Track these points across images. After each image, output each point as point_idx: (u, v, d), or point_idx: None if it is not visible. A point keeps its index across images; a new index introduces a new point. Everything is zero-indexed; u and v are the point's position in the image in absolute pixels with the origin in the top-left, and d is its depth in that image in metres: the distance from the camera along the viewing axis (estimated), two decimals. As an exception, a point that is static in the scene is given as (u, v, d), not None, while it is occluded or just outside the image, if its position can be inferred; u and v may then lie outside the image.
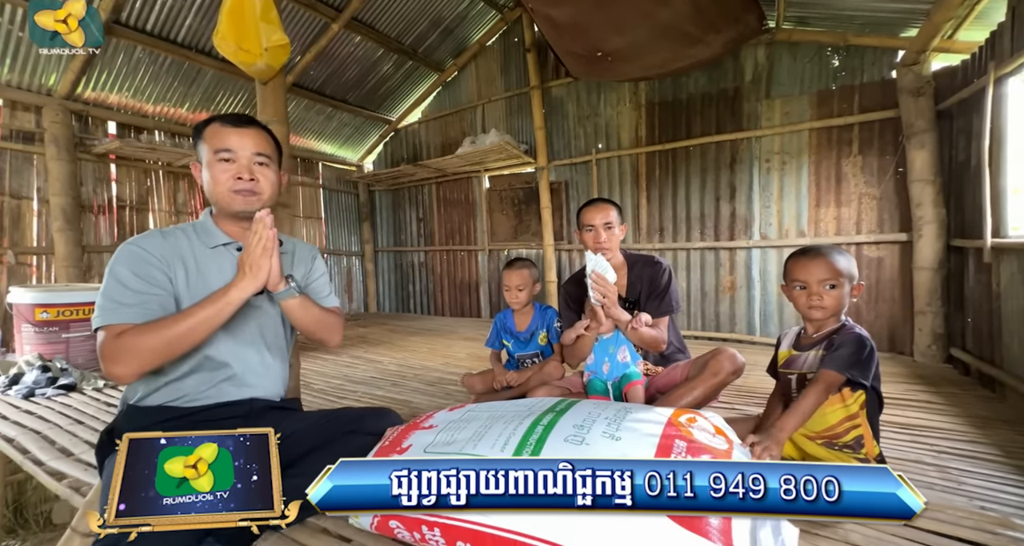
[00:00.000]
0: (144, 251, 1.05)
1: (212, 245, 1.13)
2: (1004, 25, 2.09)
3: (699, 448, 0.96)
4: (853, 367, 1.14)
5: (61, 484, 1.39)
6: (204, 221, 1.17)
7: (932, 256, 2.69)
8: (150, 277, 1.03)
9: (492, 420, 1.12)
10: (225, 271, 1.13)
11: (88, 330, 2.79)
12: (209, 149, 1.10)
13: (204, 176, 1.13)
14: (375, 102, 5.07)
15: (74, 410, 2.07)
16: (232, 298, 1.01)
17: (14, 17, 2.93)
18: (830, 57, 3.10)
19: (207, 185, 1.12)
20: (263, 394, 1.22)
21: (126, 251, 1.05)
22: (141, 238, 1.09)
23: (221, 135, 1.10)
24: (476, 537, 0.89)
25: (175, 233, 1.13)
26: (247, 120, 1.14)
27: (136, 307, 1.00)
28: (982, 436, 1.53)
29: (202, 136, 1.12)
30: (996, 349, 2.16)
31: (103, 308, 1.00)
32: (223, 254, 1.14)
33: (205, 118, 1.16)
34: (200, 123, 1.15)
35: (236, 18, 1.73)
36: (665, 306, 1.69)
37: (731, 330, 3.49)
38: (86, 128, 3.67)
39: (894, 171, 2.92)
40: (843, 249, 1.29)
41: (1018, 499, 1.12)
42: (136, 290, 1.01)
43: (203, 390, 1.11)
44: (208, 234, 1.14)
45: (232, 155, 1.09)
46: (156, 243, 1.07)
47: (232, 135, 1.10)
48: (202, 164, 1.13)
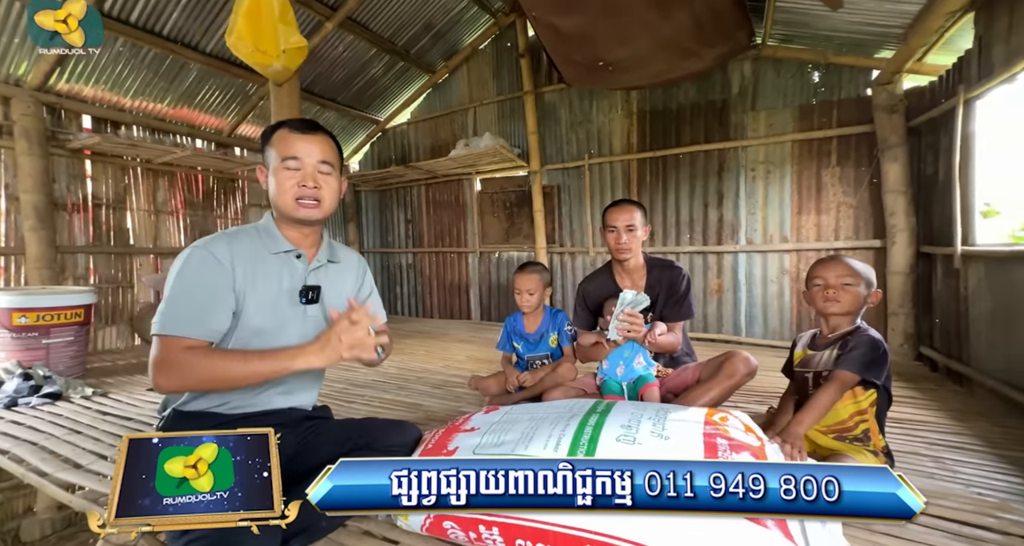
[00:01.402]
0: (211, 256, 1.04)
1: (274, 251, 1.13)
2: (972, 52, 2.29)
3: (739, 445, 1.02)
4: (867, 368, 1.24)
5: (75, 496, 1.34)
6: (268, 225, 1.17)
7: (904, 261, 2.90)
8: (216, 287, 1.03)
9: (536, 421, 1.15)
10: (283, 278, 1.13)
11: (70, 336, 2.66)
12: (277, 155, 1.10)
13: (269, 181, 1.13)
14: (364, 102, 5.01)
15: (67, 420, 1.97)
16: (297, 366, 0.99)
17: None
18: (811, 74, 3.30)
19: (272, 190, 1.12)
20: (301, 403, 1.23)
21: (195, 257, 1.04)
22: (209, 241, 1.07)
23: (289, 141, 1.10)
24: (537, 534, 0.93)
25: (240, 236, 1.12)
26: (314, 126, 1.14)
27: (198, 324, 1.00)
28: (965, 428, 1.68)
29: (270, 141, 1.12)
30: (964, 348, 2.36)
31: (166, 315, 0.99)
32: (283, 260, 1.15)
33: (274, 123, 1.16)
34: (268, 128, 1.15)
35: (253, 19, 1.70)
36: (684, 311, 1.77)
37: (718, 331, 3.65)
38: (59, 122, 3.48)
39: (869, 182, 3.13)
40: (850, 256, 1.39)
41: (1008, 485, 1.25)
42: (201, 303, 1.01)
43: (251, 398, 1.11)
44: (272, 239, 1.14)
45: (298, 162, 1.10)
46: (223, 248, 1.06)
47: (299, 142, 1.10)
48: (268, 169, 1.13)
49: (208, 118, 4.27)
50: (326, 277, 1.22)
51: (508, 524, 0.95)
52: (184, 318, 0.99)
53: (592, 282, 2.00)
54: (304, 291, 1.15)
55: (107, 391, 2.41)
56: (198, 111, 4.16)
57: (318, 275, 1.20)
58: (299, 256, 1.17)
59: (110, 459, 1.55)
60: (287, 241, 1.15)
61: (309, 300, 1.16)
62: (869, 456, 1.24)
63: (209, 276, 1.03)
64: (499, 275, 4.75)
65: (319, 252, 1.21)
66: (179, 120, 4.12)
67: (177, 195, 4.18)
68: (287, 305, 1.13)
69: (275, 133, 1.12)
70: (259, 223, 1.18)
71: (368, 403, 2.21)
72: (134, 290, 3.89)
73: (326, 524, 1.07)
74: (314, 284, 1.18)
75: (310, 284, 1.17)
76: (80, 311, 2.70)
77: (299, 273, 1.16)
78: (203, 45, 3.63)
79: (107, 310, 3.72)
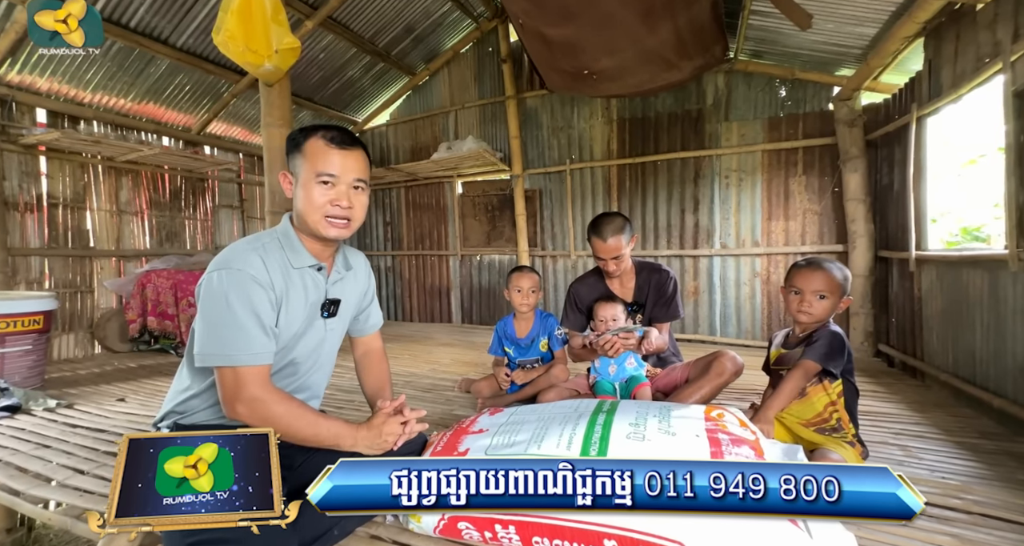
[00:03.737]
0: (253, 280, 0.99)
1: (297, 265, 1.08)
2: (922, 74, 2.50)
3: (738, 439, 1.09)
4: (826, 358, 1.36)
5: (55, 512, 1.27)
6: (289, 236, 1.10)
7: (864, 265, 3.11)
8: (265, 311, 1.00)
9: (545, 421, 1.19)
10: (309, 292, 1.10)
11: (27, 344, 2.49)
12: (309, 168, 1.04)
13: (296, 192, 1.07)
14: (341, 102, 4.92)
15: (31, 433, 1.85)
16: (345, 445, 1.03)
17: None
18: (779, 88, 3.49)
19: (299, 203, 1.06)
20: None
21: (236, 281, 0.98)
22: (243, 261, 1.00)
23: (326, 156, 1.03)
24: (555, 531, 0.96)
25: (269, 250, 1.06)
26: (352, 140, 1.08)
27: (262, 351, 0.99)
28: (923, 418, 1.84)
29: (301, 150, 1.05)
30: (919, 344, 2.56)
31: (230, 345, 0.96)
32: (306, 274, 1.11)
33: (304, 127, 1.08)
34: (298, 132, 1.07)
35: (244, 18, 1.67)
36: (672, 312, 1.85)
37: (695, 331, 3.79)
38: (9, 115, 3.25)
39: (832, 190, 3.35)
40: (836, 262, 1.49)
41: (966, 468, 1.38)
42: (256, 329, 0.98)
43: None
44: (295, 253, 1.09)
45: (334, 179, 1.04)
46: (259, 267, 1.01)
47: (337, 157, 1.04)
48: (296, 178, 1.07)
49: (176, 115, 4.08)
50: (343, 287, 1.20)
51: (525, 522, 0.97)
52: (244, 347, 0.96)
53: (583, 284, 2.05)
54: (326, 305, 1.14)
55: (72, 402, 2.27)
56: (165, 107, 3.97)
57: (338, 288, 1.18)
58: (320, 269, 1.13)
59: (88, 473, 1.47)
60: (310, 255, 1.10)
61: (330, 314, 1.15)
62: (848, 448, 1.35)
63: (257, 300, 0.99)
64: (480, 278, 4.76)
65: (336, 264, 1.19)
66: (144, 116, 3.92)
67: (142, 195, 3.97)
68: (310, 318, 1.12)
69: (308, 140, 1.05)
70: (278, 230, 1.12)
71: (359, 409, 2.18)
72: (95, 295, 3.67)
73: (338, 532, 1.06)
74: (335, 298, 1.16)
75: (331, 298, 1.15)
76: (39, 318, 2.53)
77: (322, 286, 1.14)
78: (173, 39, 3.48)
79: (64, 316, 3.49)
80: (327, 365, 1.24)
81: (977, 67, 1.99)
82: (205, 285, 1.00)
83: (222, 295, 0.97)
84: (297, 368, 1.13)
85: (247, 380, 0.96)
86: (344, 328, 1.26)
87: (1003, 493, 1.22)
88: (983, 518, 1.11)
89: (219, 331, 0.97)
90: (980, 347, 1.99)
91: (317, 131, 1.06)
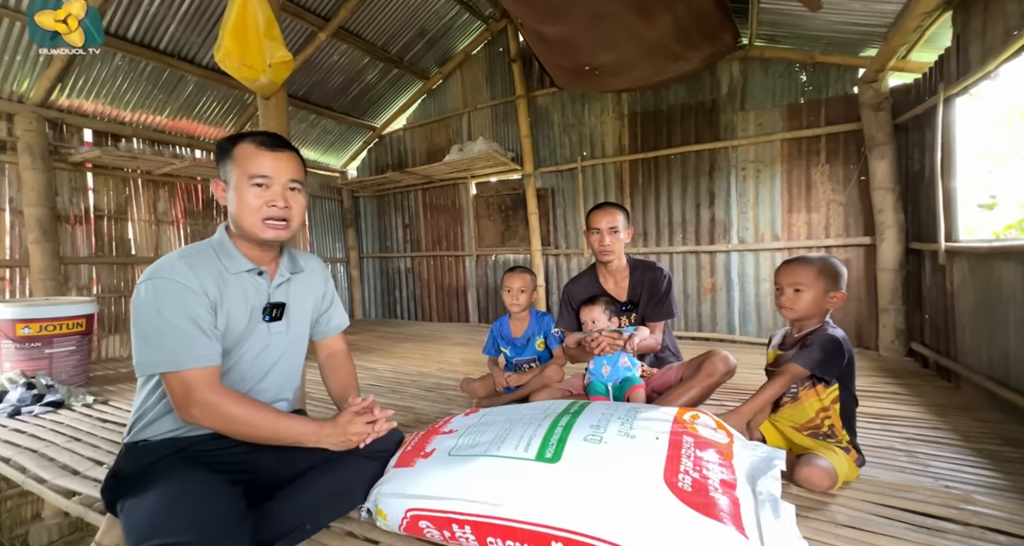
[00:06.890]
0: (180, 285, 0.98)
1: (234, 271, 1.08)
2: (951, 50, 2.30)
3: (705, 443, 1.06)
4: (818, 364, 1.28)
5: (72, 501, 1.39)
6: (223, 242, 1.10)
7: (893, 258, 2.91)
8: (199, 314, 0.99)
9: (511, 423, 1.19)
10: (249, 297, 1.10)
11: (72, 345, 2.72)
12: (240, 172, 1.03)
13: (230, 198, 1.06)
14: (359, 109, 5.08)
15: (67, 427, 2.03)
16: (308, 443, 1.07)
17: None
18: (798, 73, 3.31)
19: (233, 208, 1.06)
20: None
21: (165, 288, 0.97)
22: (169, 270, 0.99)
23: (255, 158, 1.04)
24: (507, 532, 0.96)
25: (198, 258, 1.05)
26: (282, 142, 1.08)
27: (207, 353, 0.99)
28: (943, 423, 1.70)
29: (231, 155, 1.05)
30: (951, 343, 2.37)
31: (171, 351, 0.95)
32: (245, 279, 1.10)
33: (232, 135, 1.08)
34: (227, 140, 1.07)
35: (239, 35, 1.76)
36: (665, 311, 1.80)
37: (712, 330, 3.66)
38: (60, 136, 3.56)
39: (858, 179, 3.14)
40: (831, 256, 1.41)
41: (975, 477, 1.27)
42: (191, 332, 0.98)
43: None
44: (231, 259, 1.08)
45: (267, 181, 1.04)
46: (186, 273, 1.00)
47: (267, 159, 1.04)
48: (228, 184, 1.06)
49: (206, 128, 4.34)
50: (289, 290, 1.19)
51: (479, 523, 0.99)
52: (186, 351, 0.96)
53: (577, 284, 2.03)
54: (268, 309, 1.12)
55: (108, 399, 2.48)
56: (196, 122, 4.23)
57: (282, 291, 1.17)
58: (261, 273, 1.13)
59: (106, 466, 1.60)
60: (247, 259, 1.10)
61: (273, 318, 1.13)
62: (840, 454, 1.27)
63: (191, 304, 0.98)
64: (496, 278, 4.79)
65: (280, 267, 1.17)
66: (178, 131, 4.19)
67: (177, 205, 4.25)
68: (252, 323, 1.11)
69: (237, 146, 1.05)
70: (213, 240, 1.11)
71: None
72: (136, 299, 3.96)
73: (310, 527, 1.10)
74: (278, 301, 1.15)
75: (274, 302, 1.14)
76: (82, 321, 2.76)
77: (263, 290, 1.13)
78: (199, 58, 3.71)
79: (110, 319, 3.79)
80: (283, 372, 1.19)
81: (1005, 40, 1.82)
82: (135, 297, 0.99)
83: (151, 305, 0.96)
84: (243, 375, 1.11)
85: (196, 384, 0.96)
86: (301, 332, 1.24)
87: (1013, 505, 1.12)
88: (981, 530, 1.02)
89: (156, 339, 0.95)
90: (1014, 346, 1.82)
91: (246, 137, 1.06)
